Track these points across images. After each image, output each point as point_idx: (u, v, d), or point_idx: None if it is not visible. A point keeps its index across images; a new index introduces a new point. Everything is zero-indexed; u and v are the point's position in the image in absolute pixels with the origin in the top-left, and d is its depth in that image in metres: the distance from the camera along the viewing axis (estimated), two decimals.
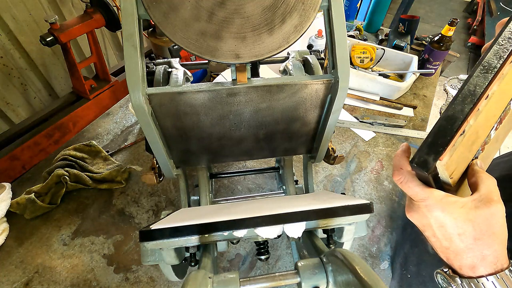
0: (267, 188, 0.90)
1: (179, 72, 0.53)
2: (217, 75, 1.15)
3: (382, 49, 1.25)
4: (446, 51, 1.17)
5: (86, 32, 1.07)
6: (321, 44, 1.17)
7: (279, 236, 0.39)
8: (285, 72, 0.57)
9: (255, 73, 0.58)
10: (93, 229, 0.78)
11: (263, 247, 0.46)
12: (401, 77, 1.26)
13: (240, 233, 0.37)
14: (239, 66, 0.44)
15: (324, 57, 0.59)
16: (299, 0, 0.40)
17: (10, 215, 0.78)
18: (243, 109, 0.49)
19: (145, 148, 0.73)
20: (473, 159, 0.35)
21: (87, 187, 0.85)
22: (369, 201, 0.39)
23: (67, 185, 0.82)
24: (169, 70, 0.56)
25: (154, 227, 0.37)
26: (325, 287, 0.37)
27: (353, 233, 0.47)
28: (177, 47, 1.02)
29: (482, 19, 3.30)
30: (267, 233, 0.38)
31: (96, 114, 1.18)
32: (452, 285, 0.34)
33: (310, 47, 0.68)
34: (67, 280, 0.69)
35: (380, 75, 1.19)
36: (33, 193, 0.79)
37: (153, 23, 0.75)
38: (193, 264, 0.44)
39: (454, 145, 0.31)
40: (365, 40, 1.40)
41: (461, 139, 0.31)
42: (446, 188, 0.34)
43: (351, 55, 1.22)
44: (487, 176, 0.33)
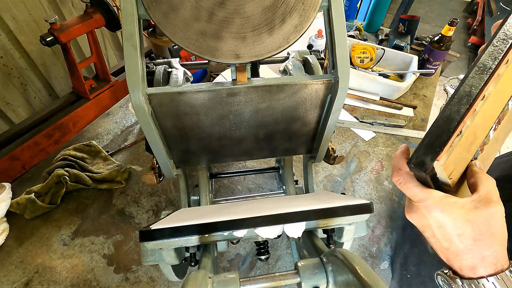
0: (267, 188, 0.90)
1: (179, 72, 0.53)
2: (217, 75, 1.15)
3: (382, 49, 1.25)
4: (446, 51, 1.17)
5: (86, 32, 1.07)
6: (321, 44, 1.17)
7: (279, 236, 0.39)
8: (285, 72, 0.57)
9: (255, 73, 0.58)
10: (93, 229, 0.78)
11: (263, 247, 0.46)
12: (401, 77, 1.26)
13: (240, 233, 0.37)
14: (239, 66, 0.44)
15: (324, 57, 0.59)
16: (299, 0, 0.40)
17: (10, 215, 0.78)
18: (243, 109, 0.49)
19: (145, 148, 0.73)
20: (472, 160, 0.35)
21: (87, 187, 0.85)
22: (369, 201, 0.39)
23: (67, 185, 0.82)
24: (169, 70, 0.56)
25: (154, 227, 0.37)
26: (325, 287, 0.37)
27: (353, 233, 0.47)
28: (177, 47, 1.01)
29: (482, 19, 3.30)
30: (267, 233, 0.38)
31: (96, 114, 1.18)
32: (452, 287, 0.34)
33: (310, 47, 0.68)
34: (67, 280, 0.69)
35: (380, 75, 1.19)
36: (33, 193, 0.79)
37: (153, 23, 0.75)
38: (193, 264, 0.44)
39: (451, 146, 0.31)
40: (365, 40, 1.40)
41: (459, 139, 0.31)
42: (445, 189, 0.34)
43: (351, 55, 1.22)
44: (486, 176, 0.33)
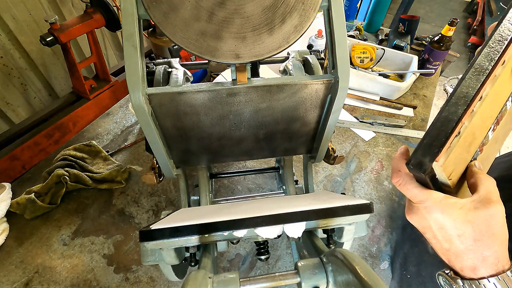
0: (267, 188, 0.90)
1: (179, 72, 0.53)
2: (217, 75, 1.15)
3: (382, 49, 1.25)
4: (446, 51, 1.17)
5: (86, 32, 1.07)
6: (321, 44, 1.17)
7: (279, 236, 0.39)
8: (285, 72, 0.57)
9: (255, 73, 0.58)
10: (93, 229, 0.78)
11: (263, 247, 0.46)
12: (401, 77, 1.26)
13: (240, 233, 0.37)
14: (239, 66, 0.44)
15: (324, 57, 0.59)
16: (299, 0, 0.40)
17: (10, 215, 0.78)
18: (243, 109, 0.49)
19: (145, 148, 0.73)
20: (471, 160, 0.35)
21: (87, 187, 0.85)
22: (369, 201, 0.39)
23: (67, 185, 0.82)
24: (169, 70, 0.56)
25: (154, 227, 0.37)
26: (325, 287, 0.37)
27: (353, 233, 0.46)
28: (177, 47, 1.01)
29: (482, 19, 3.30)
30: (267, 233, 0.38)
31: (96, 114, 1.18)
32: (453, 287, 0.34)
33: (310, 47, 0.68)
34: (67, 280, 0.69)
35: (380, 75, 1.19)
36: (33, 193, 0.79)
37: (153, 23, 0.75)
38: (193, 264, 0.44)
39: (450, 146, 0.31)
40: (365, 40, 1.40)
41: (457, 140, 0.31)
42: (445, 189, 0.34)
43: (351, 55, 1.22)
44: (486, 177, 0.33)
